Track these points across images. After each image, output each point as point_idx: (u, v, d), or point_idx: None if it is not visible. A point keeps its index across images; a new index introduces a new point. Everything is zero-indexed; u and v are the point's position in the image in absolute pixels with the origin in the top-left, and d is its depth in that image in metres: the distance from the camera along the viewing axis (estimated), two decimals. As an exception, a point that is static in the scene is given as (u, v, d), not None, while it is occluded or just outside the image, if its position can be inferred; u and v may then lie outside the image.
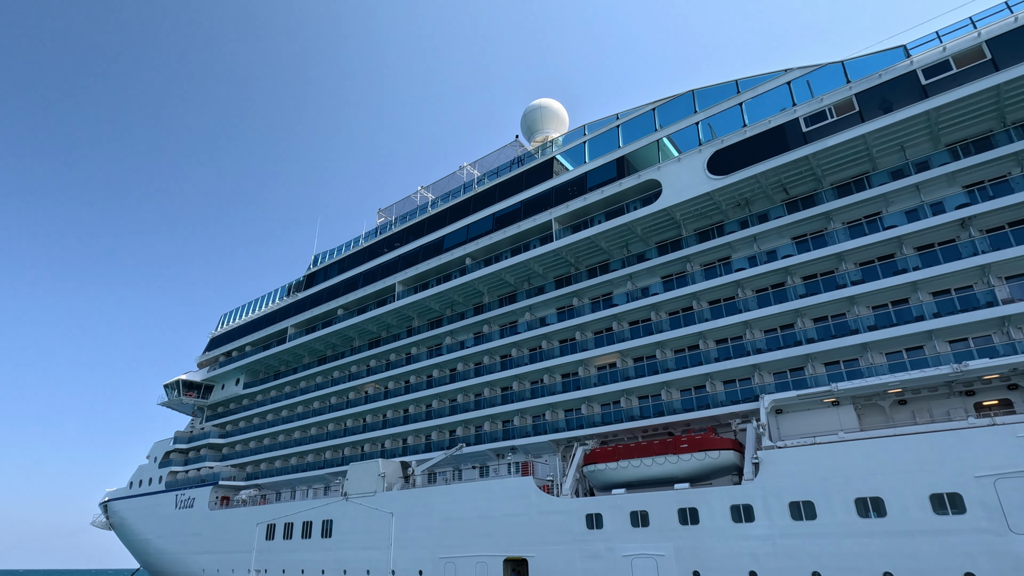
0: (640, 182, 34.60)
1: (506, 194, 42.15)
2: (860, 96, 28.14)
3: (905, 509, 21.90)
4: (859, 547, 22.45)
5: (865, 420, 26.68)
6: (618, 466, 29.62)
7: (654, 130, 35.65)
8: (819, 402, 27.14)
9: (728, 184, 31.31)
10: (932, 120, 26.66)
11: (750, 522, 25.04)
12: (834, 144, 28.34)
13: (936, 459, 21.74)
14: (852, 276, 28.19)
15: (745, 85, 32.65)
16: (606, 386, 34.21)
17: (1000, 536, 20.09)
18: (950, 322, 24.92)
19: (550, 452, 36.09)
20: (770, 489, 24.89)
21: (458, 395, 42.25)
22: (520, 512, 32.05)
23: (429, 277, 45.64)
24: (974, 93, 25.22)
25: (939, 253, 26.28)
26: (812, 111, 29.34)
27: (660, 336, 32.84)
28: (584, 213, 37.55)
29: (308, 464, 49.99)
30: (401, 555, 36.12)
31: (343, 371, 51.52)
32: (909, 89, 26.88)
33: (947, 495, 21.29)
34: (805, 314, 29.30)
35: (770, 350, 29.49)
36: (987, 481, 20.72)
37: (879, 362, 26.98)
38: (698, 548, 26.00)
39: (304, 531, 42.77)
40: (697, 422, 30.65)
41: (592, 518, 29.48)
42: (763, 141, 30.54)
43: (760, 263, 30.93)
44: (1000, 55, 24.94)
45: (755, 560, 24.56)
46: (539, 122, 47.50)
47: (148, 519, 59.25)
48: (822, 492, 23.70)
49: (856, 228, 28.80)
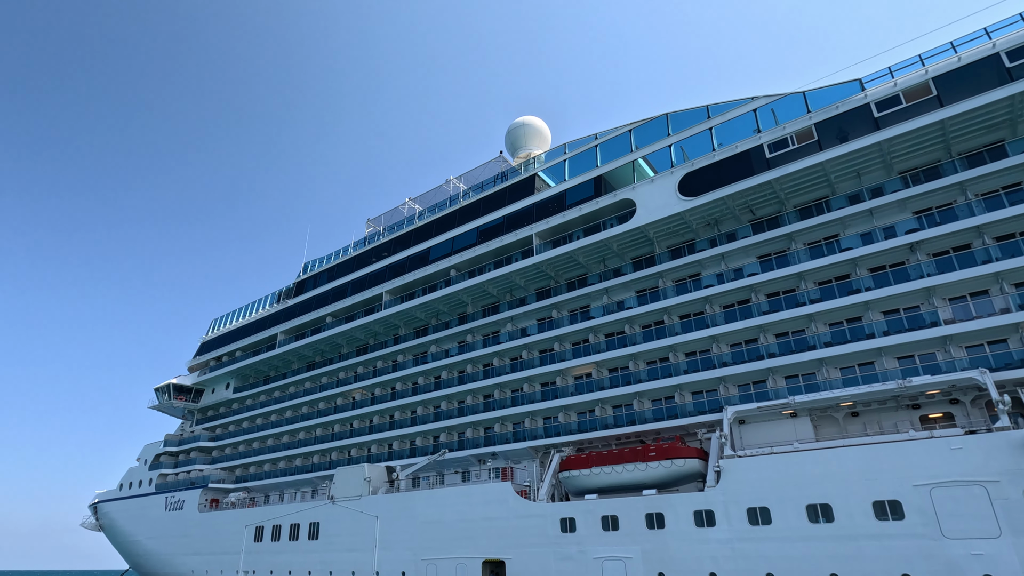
0: (616, 201, 36.24)
1: (490, 208, 43.69)
2: (819, 126, 29.91)
3: (851, 515, 23.63)
4: (809, 550, 24.15)
5: (821, 431, 28.40)
6: (591, 472, 31.21)
7: (630, 151, 37.31)
8: (778, 414, 28.85)
9: (698, 205, 33.00)
10: (884, 150, 28.45)
11: (711, 527, 26.70)
12: (795, 170, 30.10)
13: (879, 469, 23.48)
14: (811, 295, 29.93)
15: (715, 110, 34.37)
16: (582, 395, 35.77)
17: (934, 541, 21.83)
18: (898, 340, 26.69)
19: (529, 458, 37.61)
20: (730, 495, 26.55)
21: (442, 402, 43.70)
22: (498, 516, 33.56)
23: (415, 287, 47.09)
24: (922, 127, 27.03)
25: (890, 275, 28.06)
26: (775, 138, 31.09)
27: (634, 348, 34.47)
28: (564, 229, 39.15)
29: (296, 468, 51.27)
30: (385, 557, 37.52)
31: (331, 377, 52.84)
32: (863, 120, 28.67)
33: (888, 502, 23.04)
34: (768, 330, 31.02)
35: (735, 363, 31.18)
36: (924, 489, 22.47)
37: (834, 376, 28.72)
38: (663, 551, 27.62)
39: (292, 533, 44.06)
40: (666, 431, 32.28)
41: (566, 522, 31.04)
42: (730, 165, 32.26)
43: (727, 280, 32.64)
44: (945, 92, 26.77)
45: (715, 563, 26.21)
46: (522, 139, 49.09)
47: (138, 521, 60.23)
48: (777, 499, 25.39)
49: (816, 249, 30.57)
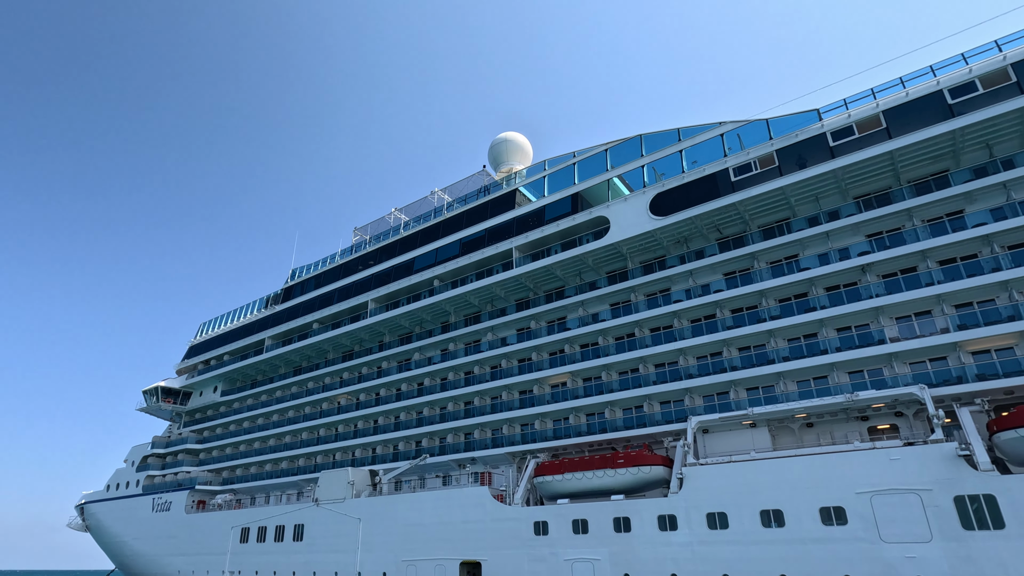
0: (591, 218, 37.89)
1: (472, 221, 45.19)
2: (780, 152, 31.71)
3: (800, 520, 25.39)
4: (762, 553, 25.88)
5: (779, 440, 30.17)
6: (563, 478, 32.80)
7: (606, 170, 38.97)
8: (739, 424, 30.59)
9: (668, 224, 34.72)
10: (839, 177, 30.29)
11: (674, 530, 28.37)
12: (758, 194, 31.87)
13: (825, 477, 25.27)
14: (771, 311, 31.70)
15: (686, 133, 36.11)
16: (558, 404, 37.35)
17: (873, 544, 23.63)
18: (848, 356, 28.50)
19: (507, 463, 39.15)
20: (691, 501, 28.25)
21: (424, 408, 45.12)
22: (476, 519, 35.08)
23: (400, 296, 48.49)
24: (872, 156, 28.88)
25: (844, 294, 29.87)
26: (740, 162, 32.85)
27: (606, 359, 36.10)
28: (542, 243, 40.73)
29: (282, 471, 52.46)
30: (367, 558, 38.91)
31: (317, 382, 54.10)
32: (820, 148, 30.51)
33: (833, 508, 24.82)
34: (731, 344, 32.76)
35: (701, 375, 32.88)
36: (865, 497, 24.27)
37: (791, 389, 30.51)
38: (629, 553, 29.26)
39: (277, 535, 45.31)
40: (636, 439, 33.95)
41: (539, 525, 32.61)
42: (698, 187, 34.00)
43: (695, 296, 34.37)
44: (893, 124, 28.64)
45: (676, 564, 27.88)
46: (504, 154, 50.64)
47: (125, 522, 61.08)
48: (734, 504, 27.11)
49: (777, 268, 32.34)
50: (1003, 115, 26.22)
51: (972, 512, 22.07)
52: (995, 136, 27.56)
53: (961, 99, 27.16)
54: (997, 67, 26.66)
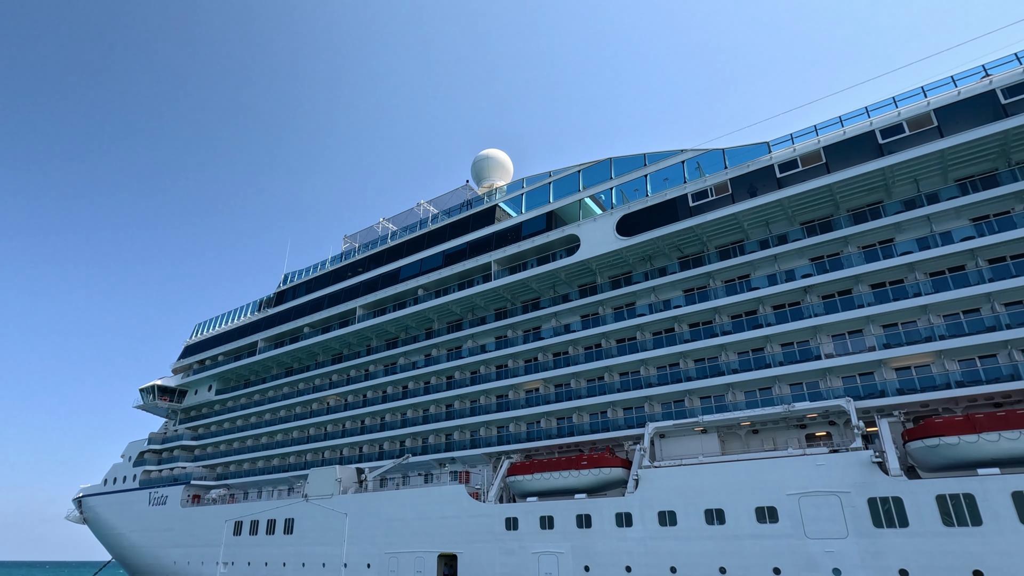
0: (563, 235, 40.62)
1: (455, 234, 47.85)
2: (733, 181, 34.50)
3: (738, 519, 28.30)
4: (705, 548, 28.78)
5: (728, 445, 33.10)
6: (533, 478, 35.63)
7: (578, 190, 41.69)
8: (691, 430, 33.49)
9: (633, 244, 37.49)
10: (785, 205, 33.12)
11: (629, 527, 31.25)
12: (713, 219, 34.67)
13: (761, 480, 28.17)
14: (724, 327, 34.57)
15: (651, 159, 38.85)
16: (531, 408, 40.13)
17: (799, 540, 26.56)
18: (790, 370, 31.39)
19: (484, 463, 41.98)
20: (645, 501, 31.12)
21: (408, 410, 47.87)
22: (453, 515, 37.91)
23: (387, 303, 51.14)
24: (813, 188, 31.71)
25: (788, 313, 32.75)
26: (698, 189, 35.63)
27: (575, 368, 38.91)
28: (519, 258, 43.45)
29: (273, 467, 55.16)
30: (353, 550, 41.71)
31: (308, 383, 56.74)
32: (768, 179, 33.33)
33: (767, 508, 27.74)
34: (688, 356, 35.62)
35: (660, 384, 35.72)
36: (794, 498, 27.20)
37: (740, 399, 33.42)
38: (590, 547, 32.13)
39: (268, 528, 48.05)
40: (601, 442, 36.81)
41: (510, 521, 35.45)
42: (660, 210, 36.77)
43: (656, 311, 37.18)
44: (832, 159, 31.48)
45: (631, 558, 30.76)
46: (486, 170, 53.22)
47: (122, 514, 63.67)
48: (682, 504, 30.00)
49: (731, 286, 35.18)
50: (926, 155, 29.07)
51: (882, 512, 25.01)
52: (921, 172, 30.42)
53: (891, 139, 29.99)
54: (921, 112, 29.49)
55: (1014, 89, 27.46)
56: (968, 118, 28.47)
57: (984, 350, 27.47)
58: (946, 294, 28.30)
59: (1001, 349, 27.11)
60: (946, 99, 29.08)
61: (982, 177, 29.20)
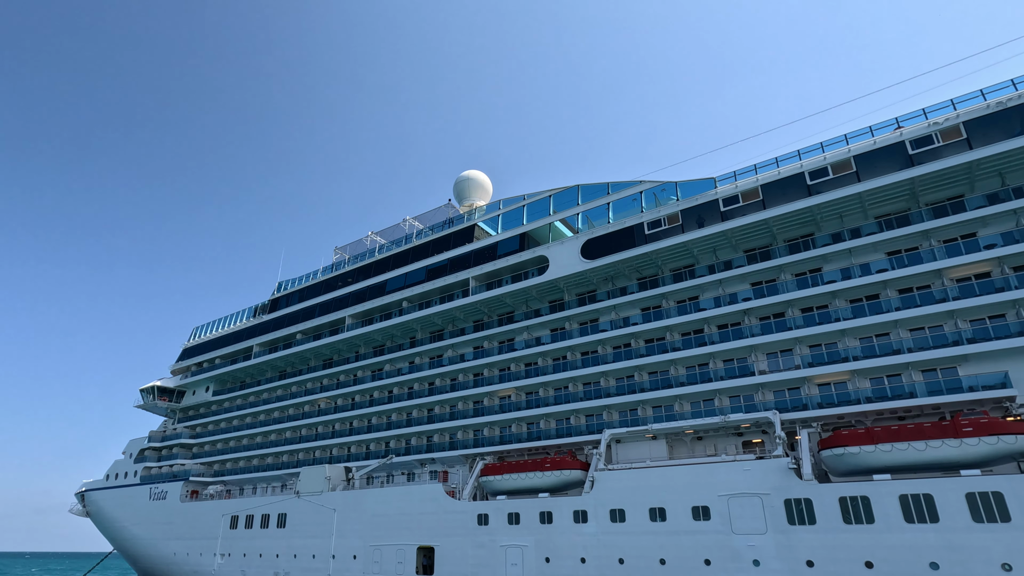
0: (534, 256, 44.31)
1: (437, 250, 51.49)
2: (684, 212, 38.23)
3: (677, 516, 32.14)
4: (648, 542, 32.62)
5: (675, 451, 36.93)
6: (502, 478, 39.45)
7: (549, 214, 45.36)
8: (643, 436, 37.30)
9: (596, 266, 41.19)
10: (728, 236, 36.86)
11: (585, 523, 35.07)
12: (666, 246, 38.40)
13: (697, 483, 32.01)
14: (675, 344, 38.37)
15: (614, 188, 42.52)
16: (504, 414, 43.88)
17: (727, 535, 30.40)
18: (729, 384, 35.21)
19: (461, 463, 45.77)
20: (599, 500, 34.93)
21: (393, 413, 51.57)
22: (430, 511, 41.69)
23: (374, 314, 54.77)
24: (752, 223, 35.45)
25: (730, 332, 36.54)
26: (652, 218, 39.34)
27: (544, 378, 42.66)
28: (495, 275, 47.11)
29: (267, 465, 58.84)
30: (340, 543, 45.47)
31: (300, 386, 60.35)
32: (714, 211, 37.06)
33: (701, 507, 31.58)
34: (643, 369, 39.40)
35: (618, 395, 39.50)
36: (724, 498, 31.04)
37: (687, 409, 37.21)
38: (550, 541, 35.94)
39: (263, 522, 51.76)
40: (564, 446, 40.60)
41: (482, 517, 39.25)
42: (620, 236, 40.47)
43: (617, 327, 40.92)
44: (768, 196, 35.22)
45: (586, 550, 34.59)
46: (467, 190, 56.73)
47: (124, 508, 67.25)
48: (631, 503, 33.82)
49: (682, 307, 38.94)
50: (846, 197, 32.84)
51: (795, 511, 28.88)
52: (845, 210, 34.22)
53: (818, 181, 33.77)
54: (843, 158, 33.25)
55: (920, 141, 31.22)
56: (882, 165, 32.23)
57: (891, 370, 31.34)
58: (862, 320, 32.13)
59: (905, 370, 30.97)
60: (864, 147, 32.83)
61: (897, 215, 33.01)
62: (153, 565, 62.17)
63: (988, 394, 28.05)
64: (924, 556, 25.39)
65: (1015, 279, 29.02)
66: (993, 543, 24.19)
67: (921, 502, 26.06)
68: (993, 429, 25.85)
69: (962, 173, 30.75)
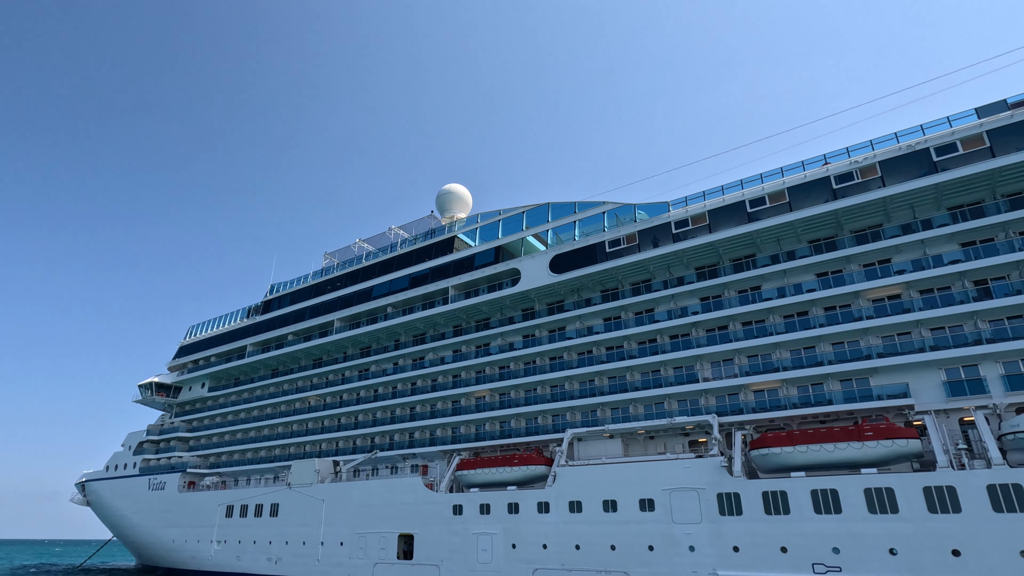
0: (508, 268, 48.10)
1: (420, 259, 55.17)
2: (641, 233, 42.08)
3: (626, 508, 36.20)
4: (601, 531, 36.68)
5: (630, 449, 40.97)
6: (475, 472, 43.43)
7: (522, 229, 49.11)
8: (601, 436, 41.33)
9: (563, 280, 45.01)
10: (680, 255, 40.75)
11: (547, 513, 39.10)
12: (624, 263, 42.28)
13: (644, 478, 36.07)
14: (631, 352, 42.34)
15: (581, 207, 46.28)
16: (479, 413, 47.80)
17: (668, 525, 34.50)
18: (677, 390, 39.24)
19: (440, 458, 49.74)
20: (560, 492, 38.96)
21: (378, 411, 55.41)
22: (411, 502, 45.66)
23: (360, 318, 58.45)
24: (700, 244, 39.36)
25: (680, 343, 40.54)
26: (613, 237, 43.17)
27: (514, 381, 46.57)
28: (472, 285, 50.89)
29: (261, 458, 62.62)
30: (329, 531, 49.43)
31: (291, 384, 64.04)
32: (667, 233, 40.94)
33: (647, 500, 35.65)
34: (603, 374, 43.36)
35: (581, 397, 43.47)
36: (667, 492, 35.12)
37: (641, 411, 41.27)
38: (517, 529, 39.98)
39: (256, 511, 55.63)
40: (532, 443, 44.59)
41: (456, 507, 43.23)
42: (584, 253, 44.30)
43: (581, 335, 44.84)
44: (714, 221, 39.11)
45: (547, 538, 38.64)
46: (448, 203, 60.28)
47: (124, 498, 70.94)
48: (587, 495, 37.84)
49: (639, 318, 42.87)
50: (781, 224, 36.76)
51: (725, 504, 32.99)
52: (782, 236, 38.16)
53: (756, 208, 37.68)
54: (778, 188, 37.12)
55: (842, 177, 35.15)
56: (813, 196, 36.17)
57: (815, 380, 35.44)
58: (792, 334, 36.16)
59: (826, 380, 35.08)
60: (796, 180, 36.75)
61: (826, 241, 37.01)
62: (153, 550, 66.08)
63: (892, 403, 32.23)
64: (828, 542, 29.58)
65: (920, 301, 33.14)
66: (883, 531, 28.40)
67: (828, 496, 30.21)
68: (889, 434, 30.02)
69: (879, 206, 34.71)
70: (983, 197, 33.15)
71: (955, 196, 33.57)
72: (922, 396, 31.96)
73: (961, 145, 32.12)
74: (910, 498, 28.27)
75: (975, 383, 30.89)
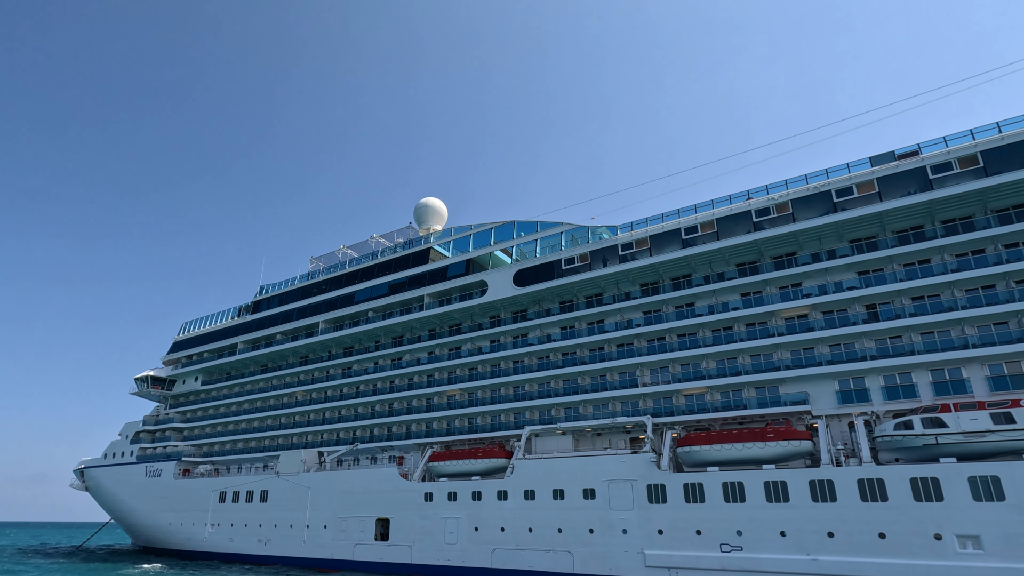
0: (476, 280, 53.12)
1: (399, 268, 60.03)
2: (592, 253, 47.22)
3: (571, 496, 41.63)
4: (551, 516, 42.11)
5: (580, 444, 46.36)
6: (445, 464, 48.76)
7: (490, 244, 54.08)
8: (554, 433, 46.73)
9: (525, 292, 50.12)
10: (627, 274, 45.94)
11: (505, 501, 44.49)
12: (577, 280, 47.42)
13: (586, 470, 41.47)
14: (583, 358, 47.63)
15: (543, 226, 51.30)
16: (450, 411, 53.00)
17: (606, 511, 39.95)
18: (621, 393, 44.61)
19: (414, 451, 55.01)
20: (517, 482, 44.34)
21: (359, 407, 60.51)
22: (387, 489, 50.94)
23: (344, 320, 63.33)
24: (642, 265, 44.55)
25: (625, 351, 45.88)
26: (568, 256, 48.28)
27: (481, 382, 51.79)
28: (445, 293, 55.89)
29: (251, 448, 67.61)
30: (314, 515, 54.68)
31: (279, 380, 68.90)
32: (615, 254, 46.08)
33: (589, 489, 41.09)
34: (559, 378, 48.66)
35: (539, 398, 48.77)
36: (606, 482, 40.57)
37: (590, 412, 46.66)
38: (479, 515, 45.36)
39: (247, 497, 60.74)
40: (495, 438, 49.93)
41: (428, 495, 48.56)
42: (544, 269, 49.40)
43: (541, 342, 50.05)
44: (655, 246, 44.30)
45: (505, 522, 44.07)
46: (425, 215, 65.04)
47: (122, 484, 75.73)
48: (539, 485, 43.25)
49: (591, 328, 48.10)
50: (707, 251, 41.99)
51: (654, 493, 38.51)
52: (714, 260, 43.42)
53: (690, 236, 42.89)
54: (707, 219, 42.33)
55: (761, 212, 40.43)
56: (737, 226, 41.43)
57: (735, 387, 40.93)
58: (718, 347, 41.57)
59: (744, 387, 40.58)
60: (724, 212, 41.93)
61: (750, 265, 42.34)
62: (151, 533, 71.12)
63: (794, 408, 37.81)
64: (734, 526, 35.18)
65: (822, 321, 38.61)
66: (776, 517, 34.01)
67: (736, 488, 35.77)
68: (786, 435, 35.59)
69: (791, 238, 40.02)
70: (876, 232, 38.56)
71: (853, 231, 38.96)
72: (818, 403, 37.56)
73: (856, 189, 37.45)
74: (798, 489, 33.89)
75: (861, 392, 36.52)
